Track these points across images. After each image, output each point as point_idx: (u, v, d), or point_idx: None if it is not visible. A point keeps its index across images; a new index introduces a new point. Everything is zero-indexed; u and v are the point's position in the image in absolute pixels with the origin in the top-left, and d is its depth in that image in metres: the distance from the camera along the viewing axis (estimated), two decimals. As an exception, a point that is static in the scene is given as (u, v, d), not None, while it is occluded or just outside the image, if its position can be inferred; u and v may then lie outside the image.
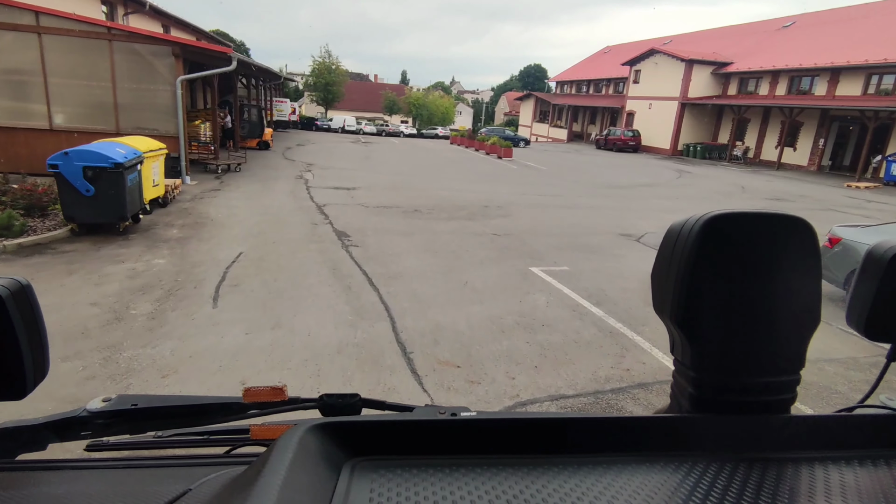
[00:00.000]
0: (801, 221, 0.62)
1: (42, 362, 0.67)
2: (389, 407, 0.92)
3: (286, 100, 36.20)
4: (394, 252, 7.81)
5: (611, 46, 52.78)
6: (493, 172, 19.75)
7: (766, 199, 16.52)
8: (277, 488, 0.44)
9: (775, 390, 0.64)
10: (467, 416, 0.61)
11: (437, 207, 11.58)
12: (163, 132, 12.34)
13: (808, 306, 0.63)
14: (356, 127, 46.06)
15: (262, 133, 21.97)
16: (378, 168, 18.66)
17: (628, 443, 0.59)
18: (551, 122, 50.65)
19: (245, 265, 6.76)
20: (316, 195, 12.21)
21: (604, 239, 9.61)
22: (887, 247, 0.66)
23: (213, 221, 9.01)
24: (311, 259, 7.22)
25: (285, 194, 12.06)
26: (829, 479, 0.54)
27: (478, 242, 8.69)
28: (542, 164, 23.99)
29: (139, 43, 11.72)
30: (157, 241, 7.69)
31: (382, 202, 11.83)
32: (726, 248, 0.61)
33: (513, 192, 14.65)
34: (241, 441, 0.89)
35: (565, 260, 7.97)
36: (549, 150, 34.20)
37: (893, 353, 0.72)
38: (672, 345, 0.68)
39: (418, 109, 58.67)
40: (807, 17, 31.56)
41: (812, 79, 26.47)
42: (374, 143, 31.97)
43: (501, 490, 0.49)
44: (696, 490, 0.51)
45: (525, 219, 11.01)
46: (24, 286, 0.65)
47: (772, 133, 28.77)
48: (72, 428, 0.82)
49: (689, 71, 31.38)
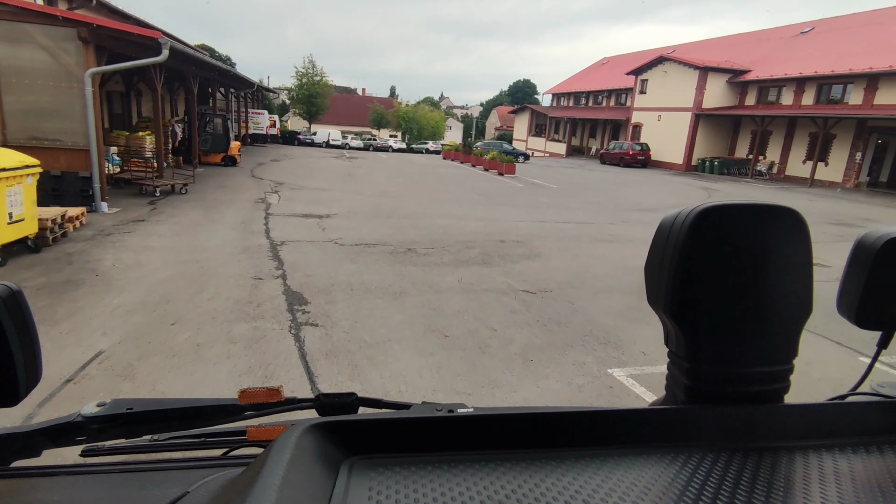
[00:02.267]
0: (792, 212, 0.62)
1: (34, 368, 0.67)
2: (386, 405, 0.88)
3: (264, 111, 33.13)
4: (376, 337, 4.74)
5: (609, 57, 50.56)
6: (498, 192, 16.77)
7: (831, 224, 13.63)
8: (276, 489, 0.43)
9: (769, 380, 0.64)
10: (464, 413, 0.61)
11: (438, 244, 8.53)
12: (69, 144, 9.23)
13: (800, 296, 0.63)
14: (342, 141, 43.13)
15: (227, 147, 18.87)
16: (362, 188, 15.62)
17: (625, 435, 0.59)
18: (548, 135, 48.04)
19: (87, 389, 3.64)
20: (275, 227, 9.11)
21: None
22: (877, 235, 0.66)
23: (98, 278, 5.87)
24: (230, 364, 4.11)
25: (233, 227, 8.95)
26: (822, 467, 0.54)
27: (506, 311, 5.64)
28: (549, 182, 21.10)
29: (30, 22, 8.63)
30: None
31: (363, 237, 8.76)
32: (719, 240, 0.61)
33: (529, 219, 11.65)
34: (238, 443, 0.87)
35: (648, 340, 4.94)
36: (551, 166, 31.41)
37: (884, 341, 0.73)
38: (666, 337, 0.67)
39: (408, 123, 55.93)
40: (828, 23, 29.25)
41: (845, 86, 23.95)
42: (359, 159, 28.96)
43: (500, 485, 0.49)
44: (693, 481, 0.51)
45: (558, 260, 8.00)
46: (16, 292, 0.65)
47: (798, 146, 26.18)
48: (66, 433, 0.80)
49: (703, 79, 28.83)
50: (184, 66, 14.77)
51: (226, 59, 50.74)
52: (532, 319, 5.42)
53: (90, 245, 7.25)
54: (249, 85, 24.49)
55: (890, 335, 0.72)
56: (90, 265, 6.34)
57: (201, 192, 12.62)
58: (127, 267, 6.35)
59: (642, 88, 34.33)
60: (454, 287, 6.35)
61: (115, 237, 7.78)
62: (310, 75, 46.73)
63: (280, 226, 9.28)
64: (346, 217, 10.50)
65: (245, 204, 11.35)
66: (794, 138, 26.36)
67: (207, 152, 18.68)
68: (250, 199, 11.96)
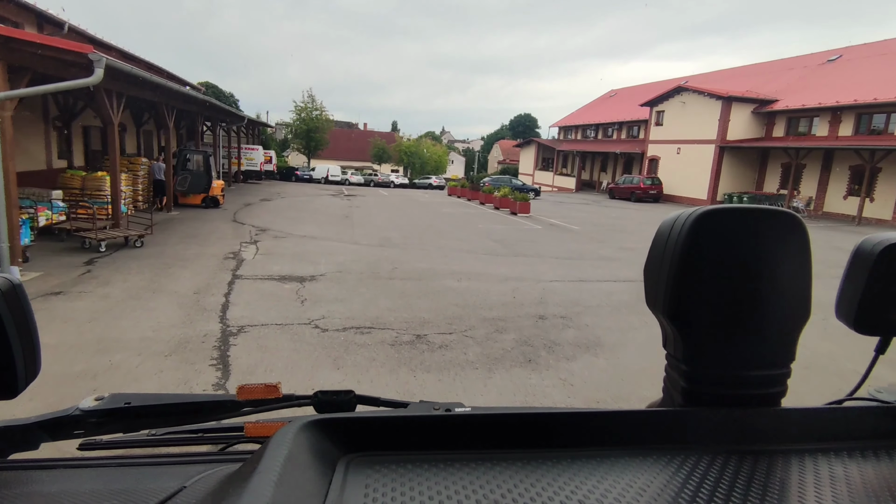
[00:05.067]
0: (791, 216, 0.62)
1: (34, 361, 0.66)
2: (384, 403, 0.90)
3: (258, 147, 31.28)
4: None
5: (616, 90, 49.23)
6: (516, 237, 14.51)
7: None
8: (272, 485, 0.43)
9: (766, 383, 0.63)
10: (462, 412, 0.61)
11: (457, 325, 6.20)
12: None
13: (798, 300, 0.62)
14: (341, 177, 41.29)
15: (208, 187, 16.76)
16: (358, 234, 13.38)
17: (622, 436, 0.58)
18: (556, 169, 46.21)
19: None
20: (238, 300, 6.81)
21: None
22: (876, 241, 0.66)
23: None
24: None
25: (180, 301, 6.64)
26: (819, 471, 0.54)
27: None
28: (569, 222, 18.89)
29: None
30: None
31: (355, 314, 6.44)
32: (718, 243, 0.61)
33: (564, 276, 9.34)
34: (235, 438, 0.87)
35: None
36: (564, 202, 29.31)
37: (882, 346, 0.72)
38: (664, 339, 0.67)
39: (410, 158, 54.38)
40: (856, 50, 27.56)
41: (888, 115, 21.95)
42: (358, 196, 26.91)
43: (496, 484, 0.49)
44: (689, 483, 0.51)
45: (629, 352, 5.65)
46: (16, 285, 0.64)
47: (837, 181, 24.03)
48: (64, 427, 0.80)
49: (727, 110, 26.95)
50: (150, 94, 12.77)
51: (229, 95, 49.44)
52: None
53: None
54: (239, 118, 22.60)
55: (888, 341, 0.72)
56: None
57: (162, 243, 10.37)
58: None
59: (658, 120, 32.49)
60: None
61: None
62: (308, 109, 45.26)
63: (246, 297, 6.98)
64: (335, 279, 8.20)
65: (211, 261, 9.08)
66: (831, 172, 24.24)
67: (186, 193, 16.58)
68: (220, 254, 9.69)
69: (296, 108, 45.84)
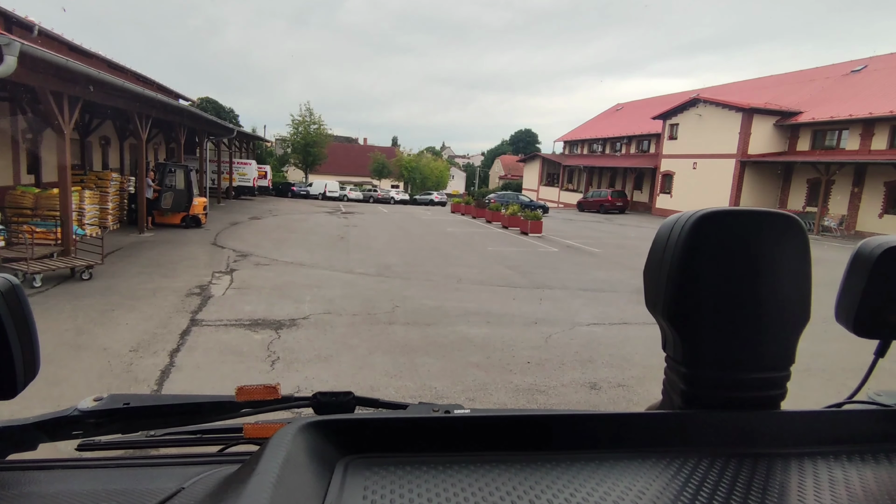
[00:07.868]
0: (792, 219, 0.61)
1: (32, 361, 0.66)
2: (383, 405, 0.89)
3: (251, 161, 29.74)
4: None
5: (623, 104, 47.95)
6: (534, 263, 12.80)
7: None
8: (271, 486, 0.43)
9: (766, 386, 0.63)
10: (461, 414, 0.60)
11: (481, 398, 4.47)
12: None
13: (798, 303, 0.62)
14: (339, 193, 39.74)
15: (188, 205, 15.13)
16: (354, 259, 11.68)
17: (621, 439, 0.58)
18: (562, 185, 44.70)
19: None
20: (187, 362, 5.09)
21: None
22: (876, 244, 0.65)
23: None
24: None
25: (102, 368, 4.92)
26: (818, 475, 0.54)
27: None
28: (585, 243, 17.21)
29: None
30: None
31: (341, 386, 4.66)
32: (717, 245, 0.60)
33: (602, 318, 7.62)
34: (234, 440, 0.85)
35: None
36: (573, 220, 27.68)
37: (881, 350, 0.71)
38: (664, 342, 0.66)
39: (410, 173, 52.90)
40: (882, 60, 26.18)
41: (927, 127, 20.42)
42: (356, 214, 25.29)
43: (495, 486, 0.49)
44: (688, 486, 0.51)
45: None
46: (14, 285, 0.64)
47: (870, 197, 22.41)
48: (63, 427, 0.79)
49: (748, 122, 25.45)
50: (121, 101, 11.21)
51: (229, 111, 48.11)
52: None
53: None
54: (227, 131, 21.03)
55: (887, 344, 0.71)
56: None
57: (118, 274, 8.67)
58: None
59: (672, 133, 30.99)
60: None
61: None
62: (306, 123, 43.86)
63: (198, 357, 5.27)
64: (320, 325, 6.49)
65: (169, 298, 7.37)
66: (864, 188, 22.64)
67: (164, 212, 14.95)
68: (183, 289, 7.99)
69: (293, 122, 44.47)
